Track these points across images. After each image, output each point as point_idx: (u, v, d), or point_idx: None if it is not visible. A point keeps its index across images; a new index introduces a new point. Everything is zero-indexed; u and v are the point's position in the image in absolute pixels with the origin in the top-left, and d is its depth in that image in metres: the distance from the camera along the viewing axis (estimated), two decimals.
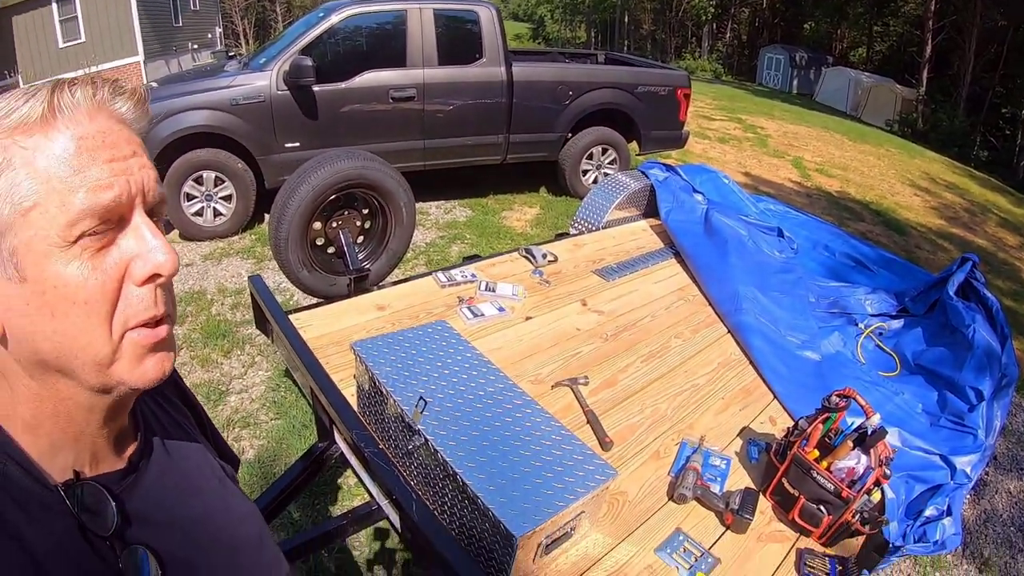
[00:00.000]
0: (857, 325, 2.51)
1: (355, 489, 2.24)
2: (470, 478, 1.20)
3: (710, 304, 2.44)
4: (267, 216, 3.35)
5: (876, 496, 1.40)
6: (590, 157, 5.46)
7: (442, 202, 5.21)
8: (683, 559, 1.31)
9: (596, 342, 2.04)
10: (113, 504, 0.49)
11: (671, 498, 1.46)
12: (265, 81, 4.08)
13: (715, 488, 1.49)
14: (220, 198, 4.16)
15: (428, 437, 1.28)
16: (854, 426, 1.45)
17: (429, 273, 2.26)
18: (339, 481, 2.29)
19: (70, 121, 0.44)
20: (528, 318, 2.10)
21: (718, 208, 2.88)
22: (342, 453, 1.77)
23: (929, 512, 1.56)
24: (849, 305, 2.57)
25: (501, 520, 1.12)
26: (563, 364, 1.90)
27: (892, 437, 1.66)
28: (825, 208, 6.72)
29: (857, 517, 1.36)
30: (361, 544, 2.07)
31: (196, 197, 4.07)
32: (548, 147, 5.25)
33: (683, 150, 6.67)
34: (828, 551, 1.41)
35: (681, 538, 1.36)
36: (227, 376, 2.78)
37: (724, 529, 1.40)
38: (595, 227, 2.98)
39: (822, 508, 1.38)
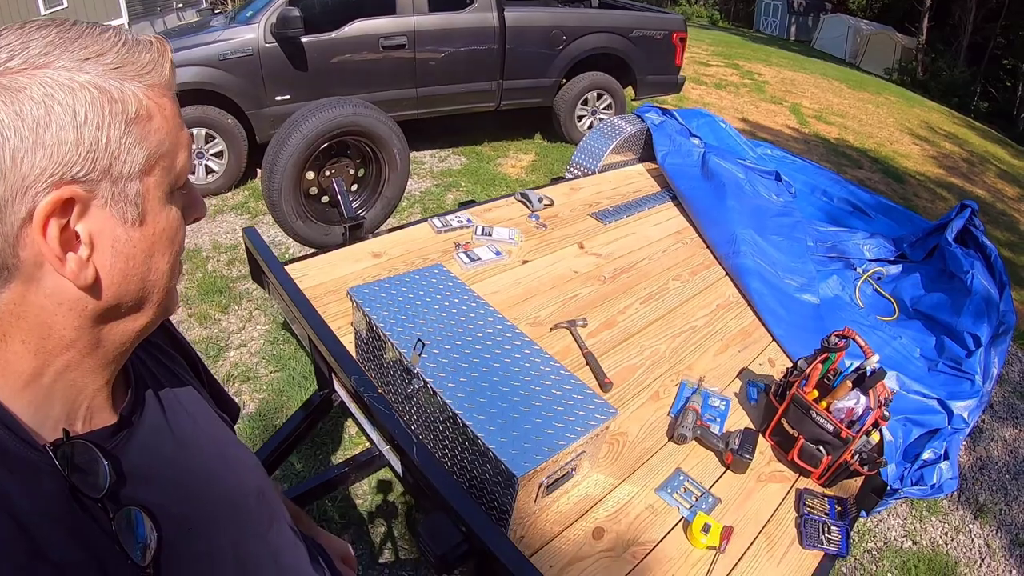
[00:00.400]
0: (855, 269, 2.48)
1: (356, 438, 2.23)
2: (470, 419, 1.17)
3: (708, 247, 2.40)
4: (260, 171, 3.24)
5: (875, 438, 1.39)
6: (585, 103, 5.31)
7: (436, 150, 5.06)
8: (684, 499, 1.31)
9: (594, 284, 2.01)
10: (106, 463, 0.46)
11: (671, 438, 1.45)
12: (252, 34, 3.92)
13: (714, 428, 1.48)
14: (211, 155, 4.04)
15: (427, 380, 1.25)
16: (853, 367, 1.42)
17: (425, 219, 2.20)
18: (341, 431, 2.28)
19: (174, 85, 0.47)
20: (525, 261, 2.06)
21: (715, 152, 2.80)
22: (342, 402, 1.75)
23: (927, 456, 1.55)
24: (847, 250, 2.54)
25: (502, 460, 1.10)
26: (561, 306, 1.87)
27: (890, 380, 1.64)
28: (823, 155, 6.55)
29: (856, 458, 1.35)
30: (364, 493, 2.07)
31: None
32: (542, 93, 5.10)
33: (679, 95, 6.45)
34: (827, 491, 1.41)
35: (681, 478, 1.35)
36: (225, 332, 2.74)
37: (724, 469, 1.40)
38: (591, 171, 2.91)
39: (821, 448, 1.37)
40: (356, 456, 1.76)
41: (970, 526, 2.38)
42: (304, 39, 3.99)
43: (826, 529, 1.28)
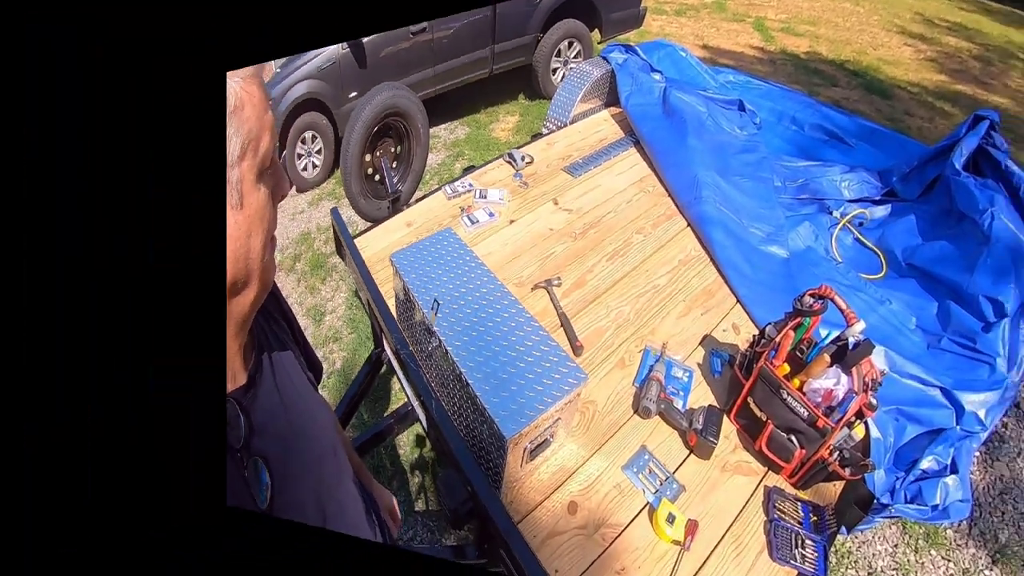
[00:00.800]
0: (831, 213, 1.57)
1: (400, 393, 1.98)
2: (471, 378, 0.89)
3: (669, 194, 1.66)
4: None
5: (859, 432, 0.87)
6: (558, 54, 4.16)
7: (448, 123, 4.17)
8: (649, 481, 0.95)
9: (567, 241, 1.51)
10: (243, 418, 0.40)
11: (636, 411, 1.06)
12: (335, 46, 3.47)
13: (678, 403, 1.05)
14: (315, 153, 3.75)
15: (441, 338, 0.96)
16: (831, 337, 0.89)
17: (439, 188, 1.77)
18: (389, 386, 2.04)
19: (261, 72, 0.36)
20: (512, 221, 1.59)
21: (676, 86, 1.90)
22: (390, 359, 1.55)
23: (927, 464, 0.94)
24: (821, 188, 1.61)
25: (495, 420, 0.83)
26: (540, 265, 1.42)
27: (878, 358, 1.01)
28: (790, 74, 4.17)
29: (835, 456, 0.84)
30: (404, 444, 1.82)
31: (302, 155, 3.68)
32: (524, 52, 4.04)
33: (641, 30, 4.63)
34: (801, 494, 0.90)
35: (646, 457, 0.99)
36: (324, 300, 2.55)
37: (688, 452, 1.00)
38: (563, 123, 2.13)
39: (793, 439, 0.88)
40: (397, 409, 1.52)
41: (985, 572, 1.31)
42: (364, 40, 3.46)
43: (799, 542, 0.84)
